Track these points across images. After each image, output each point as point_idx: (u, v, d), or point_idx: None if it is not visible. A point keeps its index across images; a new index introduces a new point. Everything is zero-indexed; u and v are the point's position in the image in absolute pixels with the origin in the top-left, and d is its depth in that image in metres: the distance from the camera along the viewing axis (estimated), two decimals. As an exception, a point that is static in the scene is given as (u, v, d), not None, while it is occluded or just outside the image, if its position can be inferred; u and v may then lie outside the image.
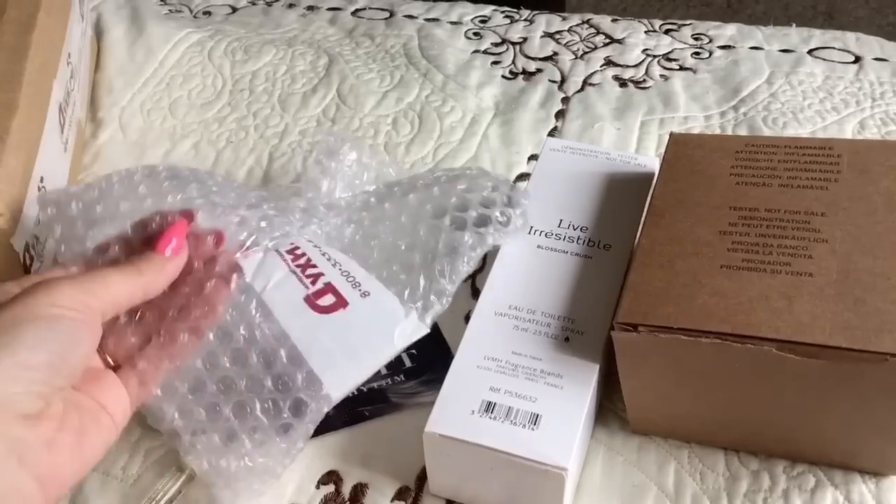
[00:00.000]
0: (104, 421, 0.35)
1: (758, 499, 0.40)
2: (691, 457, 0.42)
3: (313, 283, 0.42)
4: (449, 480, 0.40)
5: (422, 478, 0.42)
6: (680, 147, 0.46)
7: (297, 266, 0.42)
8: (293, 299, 0.41)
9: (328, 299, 0.41)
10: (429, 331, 0.42)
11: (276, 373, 0.39)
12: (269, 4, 0.83)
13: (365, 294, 0.42)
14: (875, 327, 0.35)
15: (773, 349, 0.35)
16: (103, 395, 0.36)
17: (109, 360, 0.38)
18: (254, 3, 0.83)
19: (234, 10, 0.82)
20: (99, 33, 0.74)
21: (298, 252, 0.43)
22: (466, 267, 0.43)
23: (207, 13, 0.81)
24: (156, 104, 0.68)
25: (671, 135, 0.48)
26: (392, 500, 0.41)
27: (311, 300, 0.41)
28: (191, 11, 0.81)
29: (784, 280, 0.38)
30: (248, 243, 0.42)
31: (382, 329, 0.41)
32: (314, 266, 0.43)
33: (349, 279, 0.42)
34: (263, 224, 0.43)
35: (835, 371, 0.35)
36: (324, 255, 0.43)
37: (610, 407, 0.44)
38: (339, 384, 0.39)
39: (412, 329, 0.41)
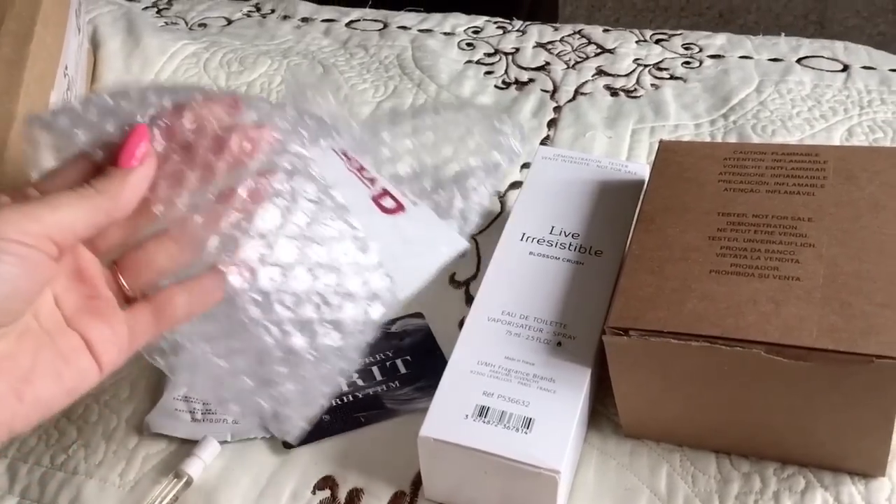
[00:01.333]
0: (80, 364, 0.32)
1: (749, 501, 0.40)
2: (683, 460, 0.42)
3: (372, 184, 0.40)
4: (444, 485, 0.41)
5: (417, 482, 0.42)
6: (669, 154, 0.47)
7: (356, 168, 0.40)
8: (361, 198, 0.39)
9: (389, 202, 0.40)
10: (468, 246, 0.42)
11: (352, 267, 0.36)
12: (263, 16, 0.84)
13: (414, 203, 0.41)
14: (861, 330, 0.35)
15: (761, 352, 0.36)
16: (94, 332, 0.32)
17: (127, 288, 0.34)
18: (249, 15, 0.84)
19: (230, 21, 0.83)
20: (95, 45, 0.74)
21: (350, 156, 0.41)
22: (498, 180, 0.45)
23: (203, 25, 0.82)
24: (152, 115, 0.68)
25: (660, 142, 0.48)
26: (387, 505, 0.42)
27: (376, 200, 0.39)
28: (186, 23, 0.82)
29: (772, 284, 0.38)
30: (307, 138, 0.38)
31: (432, 236, 0.40)
32: (367, 171, 0.40)
33: (397, 188, 0.41)
34: (311, 123, 0.40)
35: (822, 373, 0.35)
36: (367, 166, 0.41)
37: (602, 411, 0.44)
38: (406, 286, 0.38)
39: (454, 241, 0.41)
